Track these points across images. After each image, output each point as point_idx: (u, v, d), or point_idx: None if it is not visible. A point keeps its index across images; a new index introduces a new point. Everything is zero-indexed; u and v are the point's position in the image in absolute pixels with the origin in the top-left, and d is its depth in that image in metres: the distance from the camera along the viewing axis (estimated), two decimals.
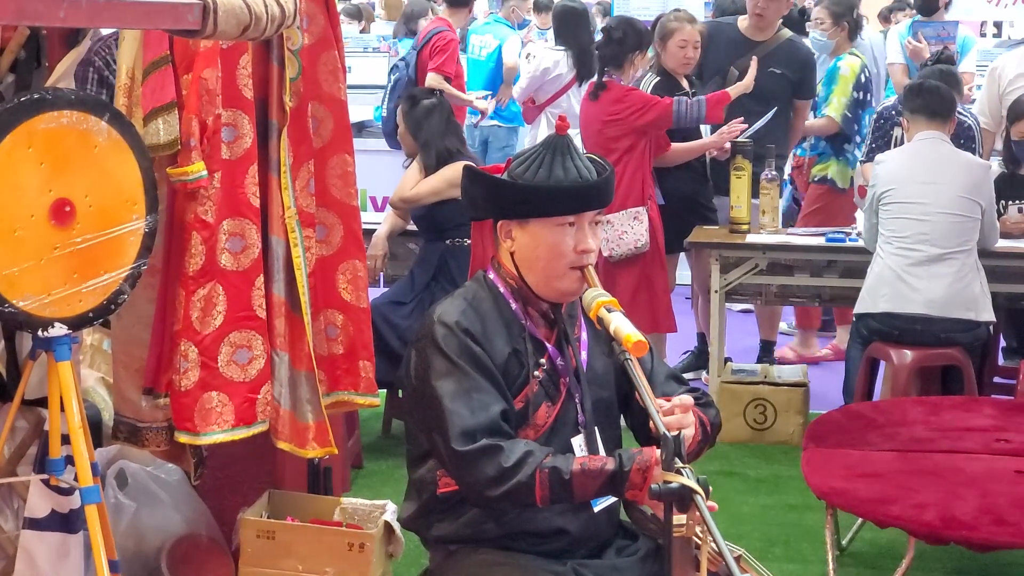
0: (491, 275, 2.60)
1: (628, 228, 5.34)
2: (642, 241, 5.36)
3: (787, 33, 6.08)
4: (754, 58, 5.66)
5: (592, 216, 2.53)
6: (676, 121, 5.40)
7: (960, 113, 5.14)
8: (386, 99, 7.29)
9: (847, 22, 6.40)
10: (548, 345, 2.56)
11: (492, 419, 2.41)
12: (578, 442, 2.54)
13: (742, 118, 5.56)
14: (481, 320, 2.51)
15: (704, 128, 5.83)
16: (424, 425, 2.50)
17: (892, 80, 7.34)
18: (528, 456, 2.37)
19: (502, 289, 2.57)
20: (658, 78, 5.75)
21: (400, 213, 5.29)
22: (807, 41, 6.38)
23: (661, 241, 5.49)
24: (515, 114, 8.00)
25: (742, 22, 6.01)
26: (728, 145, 5.58)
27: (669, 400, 2.41)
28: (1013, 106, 5.34)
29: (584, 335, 2.64)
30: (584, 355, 2.62)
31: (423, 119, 5.03)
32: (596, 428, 2.58)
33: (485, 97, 7.97)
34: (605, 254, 5.33)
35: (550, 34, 8.18)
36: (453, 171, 4.92)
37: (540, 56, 7.44)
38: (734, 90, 5.57)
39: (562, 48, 7.27)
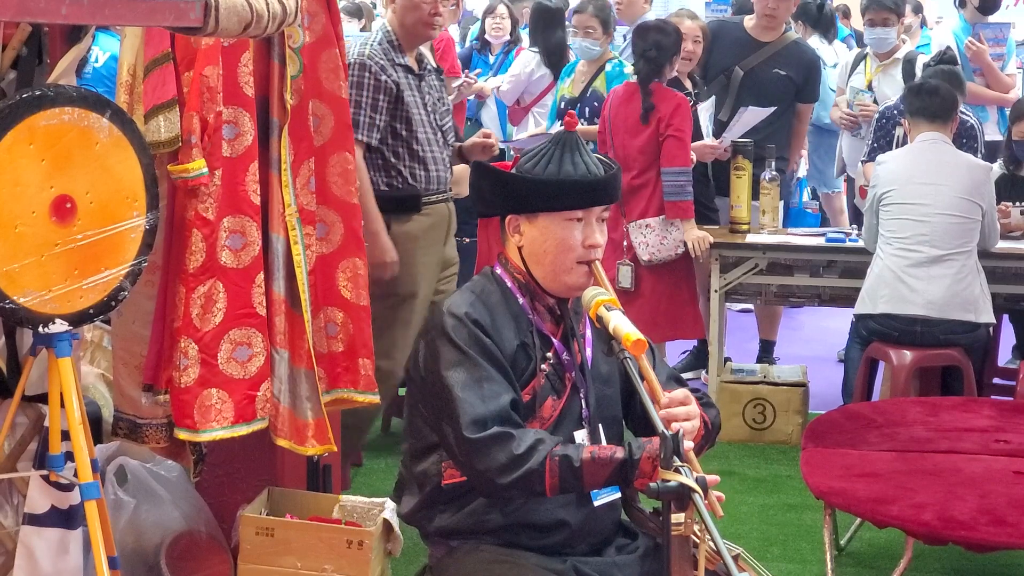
0: (498, 270, 2.62)
1: (667, 234, 5.29)
2: (682, 248, 5.29)
3: (793, 35, 6.06)
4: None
5: (600, 212, 2.55)
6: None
7: (962, 112, 5.14)
8: None
9: None
10: (554, 340, 2.58)
11: (503, 408, 2.42)
12: (581, 436, 2.55)
13: (723, 139, 5.57)
14: (490, 312, 2.53)
15: (706, 129, 5.82)
16: (433, 416, 2.50)
17: None
18: (539, 444, 2.38)
19: (509, 284, 2.59)
20: None
21: None
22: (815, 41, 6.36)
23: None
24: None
25: (748, 22, 5.98)
26: (728, 145, 5.58)
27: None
28: (1016, 106, 5.34)
29: (588, 332, 2.65)
30: (589, 351, 2.63)
31: None
32: (600, 424, 2.60)
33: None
34: (644, 258, 5.28)
35: None
36: None
37: (522, 58, 7.36)
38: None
39: (535, 49, 7.19)
